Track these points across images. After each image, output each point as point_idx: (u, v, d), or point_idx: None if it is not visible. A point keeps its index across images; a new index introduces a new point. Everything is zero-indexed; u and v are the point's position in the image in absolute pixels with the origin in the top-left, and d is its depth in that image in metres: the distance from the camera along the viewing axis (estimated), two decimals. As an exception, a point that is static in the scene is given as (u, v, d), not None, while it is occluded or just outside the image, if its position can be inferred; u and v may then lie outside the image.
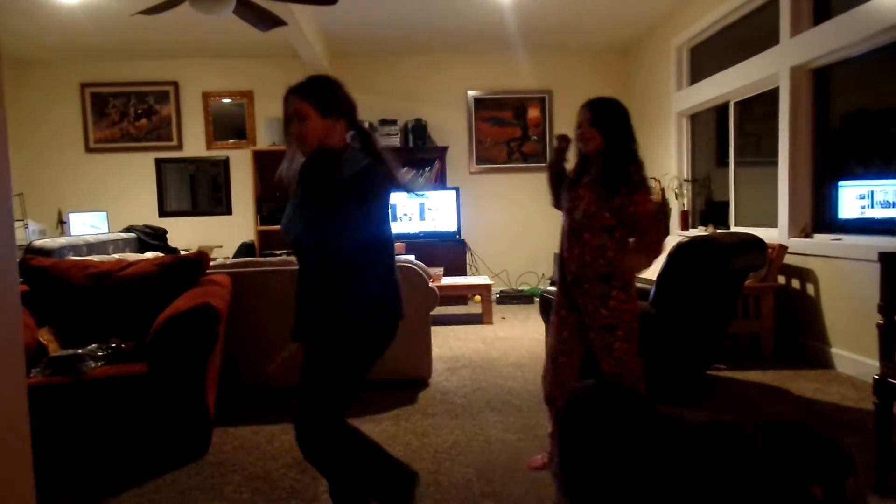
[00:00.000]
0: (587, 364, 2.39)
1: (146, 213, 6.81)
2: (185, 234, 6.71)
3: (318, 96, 1.75)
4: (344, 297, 1.74)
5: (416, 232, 6.52)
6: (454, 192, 6.60)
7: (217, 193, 7.06)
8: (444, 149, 6.86)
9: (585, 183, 2.27)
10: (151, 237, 5.69)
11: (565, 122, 7.08)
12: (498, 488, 2.31)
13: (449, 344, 4.74)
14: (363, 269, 1.75)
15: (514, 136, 7.11)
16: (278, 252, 6.33)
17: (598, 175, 2.22)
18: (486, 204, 7.08)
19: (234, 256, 6.24)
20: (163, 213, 6.95)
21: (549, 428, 2.60)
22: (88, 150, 6.87)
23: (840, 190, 4.15)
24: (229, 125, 7.01)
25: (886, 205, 3.95)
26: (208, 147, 6.98)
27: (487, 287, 5.63)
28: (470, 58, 6.99)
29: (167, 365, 2.53)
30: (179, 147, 6.95)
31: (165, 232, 6.08)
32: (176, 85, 6.89)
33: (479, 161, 7.11)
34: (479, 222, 7.02)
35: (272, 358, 1.85)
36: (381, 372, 1.97)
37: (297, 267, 1.86)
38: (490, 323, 5.52)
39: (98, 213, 6.46)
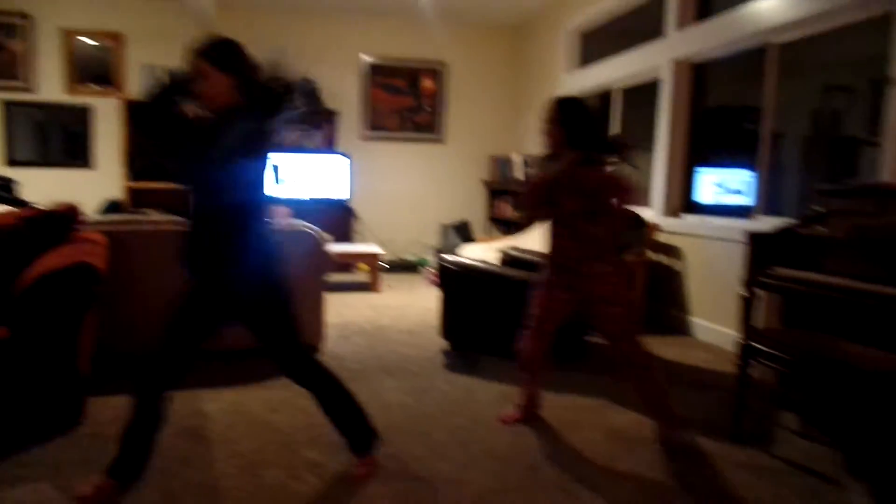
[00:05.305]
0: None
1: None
2: (37, 186, 5.98)
3: (215, 52, 1.86)
4: (226, 257, 1.90)
5: (304, 198, 6.30)
6: (344, 158, 6.44)
7: (72, 144, 6.36)
8: (336, 113, 6.66)
9: (564, 182, 2.34)
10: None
11: (459, 95, 7.15)
12: (399, 449, 2.34)
13: (339, 311, 4.67)
14: (239, 227, 1.90)
15: (407, 106, 7.06)
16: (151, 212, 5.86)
17: (568, 171, 2.32)
18: (375, 172, 6.99)
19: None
20: (11, 161, 6.16)
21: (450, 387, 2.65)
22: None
23: (700, 177, 4.60)
24: (93, 70, 6.32)
25: (736, 192, 4.46)
26: (69, 91, 6.26)
27: (377, 256, 5.59)
28: (365, 21, 6.80)
29: (36, 329, 2.26)
30: (30, 89, 6.16)
31: (11, 181, 5.39)
32: (26, 17, 6.07)
33: (372, 128, 6.99)
34: (368, 190, 6.92)
35: None
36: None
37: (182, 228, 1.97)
38: (378, 291, 5.51)
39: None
